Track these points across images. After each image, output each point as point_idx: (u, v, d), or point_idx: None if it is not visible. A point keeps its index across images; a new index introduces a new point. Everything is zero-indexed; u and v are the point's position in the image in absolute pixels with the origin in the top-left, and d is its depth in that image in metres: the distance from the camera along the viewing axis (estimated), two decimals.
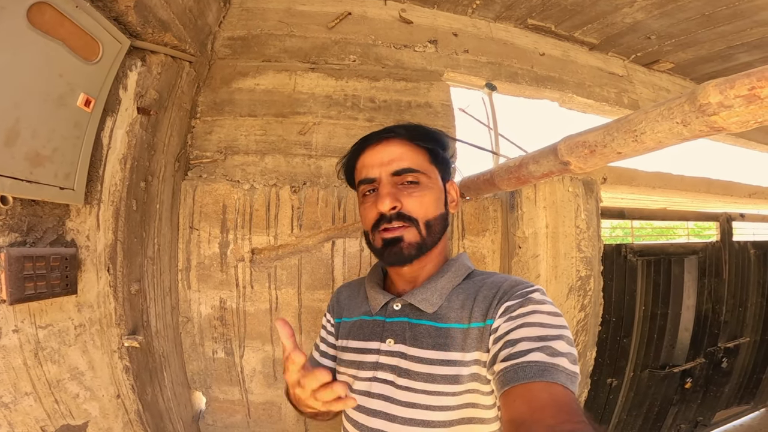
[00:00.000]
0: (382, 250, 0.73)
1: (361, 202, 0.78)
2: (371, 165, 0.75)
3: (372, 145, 0.77)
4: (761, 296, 2.43)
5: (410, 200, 0.72)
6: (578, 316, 1.53)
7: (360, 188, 0.78)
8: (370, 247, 0.77)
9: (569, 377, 0.52)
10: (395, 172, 0.73)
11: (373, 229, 0.74)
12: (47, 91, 0.84)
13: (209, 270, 1.38)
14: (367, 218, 0.75)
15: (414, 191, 0.73)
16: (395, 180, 0.73)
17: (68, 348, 0.94)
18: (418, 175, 0.74)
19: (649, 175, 1.83)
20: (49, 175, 0.83)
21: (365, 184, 0.76)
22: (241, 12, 1.63)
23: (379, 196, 0.71)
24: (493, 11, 1.77)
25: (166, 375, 1.24)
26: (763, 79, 0.55)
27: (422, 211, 0.72)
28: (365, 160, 0.77)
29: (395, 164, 0.73)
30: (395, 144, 0.75)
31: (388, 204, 0.70)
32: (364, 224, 0.77)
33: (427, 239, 0.73)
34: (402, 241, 0.71)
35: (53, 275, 0.84)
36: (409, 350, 0.69)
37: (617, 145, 0.79)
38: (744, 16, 1.57)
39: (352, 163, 0.81)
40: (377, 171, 0.74)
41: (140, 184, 1.13)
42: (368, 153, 0.77)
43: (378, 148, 0.76)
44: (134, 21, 1.04)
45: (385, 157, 0.74)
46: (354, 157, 0.80)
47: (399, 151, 0.75)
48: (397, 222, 0.71)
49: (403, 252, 0.71)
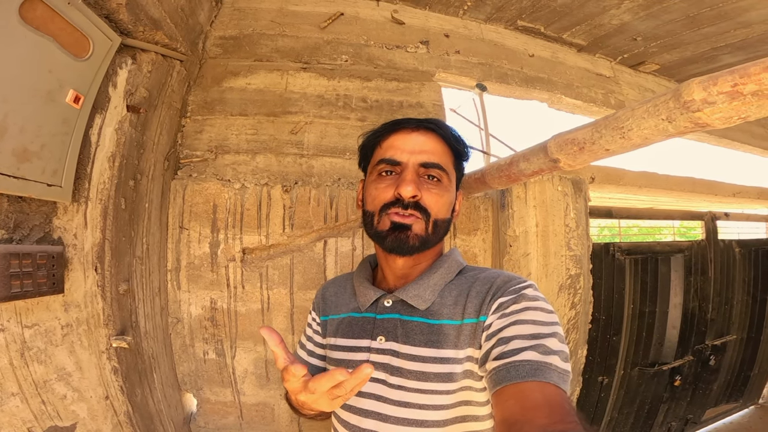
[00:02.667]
0: (386, 233, 0.71)
1: (373, 180, 0.75)
2: (401, 148, 0.73)
3: (407, 129, 0.75)
4: (746, 294, 2.48)
5: (429, 195, 0.71)
6: (569, 314, 1.55)
7: (378, 166, 0.75)
8: (370, 230, 0.75)
9: (561, 376, 0.52)
10: (424, 164, 0.72)
11: (382, 210, 0.72)
12: (36, 86, 0.82)
13: (199, 270, 1.36)
14: (378, 198, 0.73)
15: (433, 188, 0.72)
16: (420, 171, 0.73)
17: (55, 348, 0.92)
18: (443, 174, 0.74)
19: (636, 174, 1.86)
20: (36, 172, 0.82)
21: (388, 164, 0.74)
22: (233, 11, 1.62)
23: (403, 181, 0.70)
24: (484, 13, 1.79)
25: (156, 376, 1.23)
26: (746, 76, 0.56)
27: (436, 208, 0.72)
28: (395, 141, 0.75)
29: (426, 156, 0.73)
30: (431, 137, 0.75)
31: (411, 190, 0.69)
32: (371, 204, 0.74)
33: (432, 237, 0.72)
34: (410, 229, 0.70)
35: (40, 273, 0.83)
36: (401, 348, 0.68)
37: (605, 142, 0.80)
38: (728, 17, 1.61)
39: (378, 140, 0.78)
40: (406, 156, 0.72)
41: (129, 182, 1.11)
42: (401, 136, 0.75)
43: (413, 135, 0.74)
44: (125, 19, 1.03)
45: (417, 146, 0.73)
46: (382, 135, 0.77)
47: (433, 145, 0.74)
48: (413, 210, 0.70)
49: (408, 241, 0.70)
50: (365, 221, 0.76)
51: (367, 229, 0.76)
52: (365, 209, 0.77)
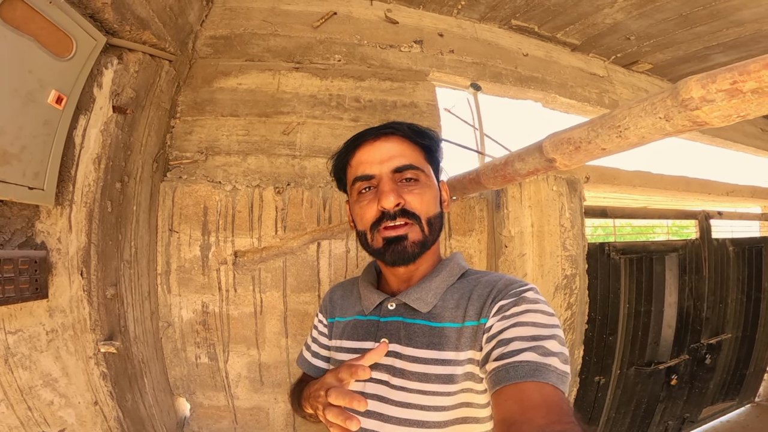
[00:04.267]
0: (383, 249, 0.70)
1: (355, 200, 0.75)
2: (369, 162, 0.72)
3: (369, 141, 0.74)
4: (741, 293, 2.49)
5: (412, 197, 0.70)
6: (565, 314, 1.54)
7: (355, 186, 0.74)
8: (367, 249, 0.74)
9: (560, 377, 0.52)
10: (396, 169, 0.71)
11: (372, 228, 0.71)
12: (15, 87, 0.80)
13: (190, 273, 1.34)
14: (365, 217, 0.72)
15: (414, 188, 0.71)
16: (395, 177, 0.71)
17: (40, 354, 0.89)
18: (418, 172, 0.72)
19: (630, 174, 1.87)
20: (16, 174, 0.79)
21: (362, 181, 0.73)
22: (224, 11, 1.60)
23: (382, 193, 0.69)
24: (478, 12, 1.78)
25: (147, 381, 1.20)
26: (745, 74, 0.55)
27: (424, 208, 0.71)
28: (362, 156, 0.74)
29: (396, 161, 0.71)
30: (394, 141, 0.73)
31: (392, 200, 0.68)
32: (361, 224, 0.74)
33: (429, 237, 0.72)
34: (406, 239, 0.69)
35: (22, 279, 0.80)
36: (403, 350, 0.69)
37: (601, 141, 0.79)
38: (720, 16, 1.62)
39: (345, 160, 0.77)
40: (377, 168, 0.71)
41: (116, 185, 1.09)
42: (366, 149, 0.74)
43: (376, 145, 0.73)
44: (111, 18, 1.01)
45: (384, 154, 0.72)
46: (347, 154, 0.77)
47: (398, 148, 0.73)
48: (401, 219, 0.69)
49: (407, 250, 0.69)
50: (361, 240, 0.76)
51: (364, 248, 0.76)
52: (357, 229, 0.77)
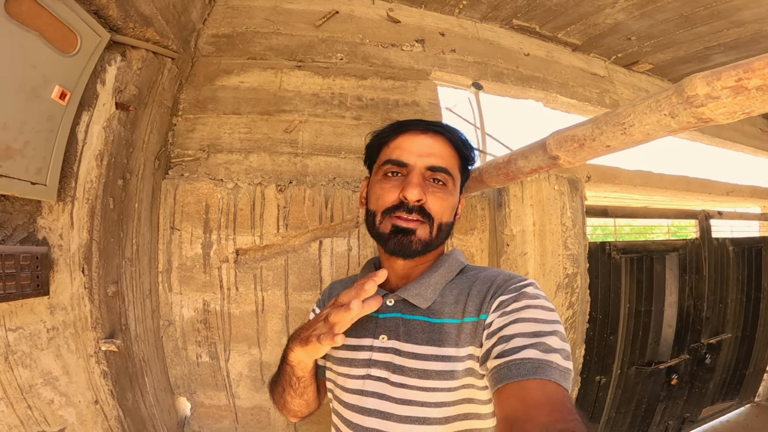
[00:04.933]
0: (389, 235, 0.71)
1: (378, 180, 0.75)
2: (408, 150, 0.73)
3: (416, 131, 0.75)
4: (741, 292, 2.49)
5: (434, 198, 0.71)
6: (566, 313, 1.54)
7: (385, 167, 0.75)
8: (371, 230, 0.75)
9: (562, 374, 0.52)
10: (431, 167, 0.72)
11: (385, 212, 0.72)
12: (20, 82, 0.80)
13: (191, 272, 1.33)
14: (383, 198, 0.73)
15: (438, 191, 0.72)
16: (426, 174, 0.73)
17: (40, 352, 0.89)
18: (448, 177, 0.74)
19: (631, 173, 1.87)
20: (19, 170, 0.79)
21: (394, 165, 0.73)
22: (227, 9, 1.60)
23: (409, 183, 0.70)
24: (479, 11, 1.78)
25: (148, 380, 1.19)
26: (750, 71, 0.55)
27: (440, 212, 0.72)
28: (403, 142, 0.75)
29: (434, 159, 0.73)
30: (440, 140, 0.75)
31: (416, 194, 0.69)
32: (375, 204, 0.75)
33: (435, 240, 0.72)
34: (414, 234, 0.70)
35: (23, 275, 0.80)
36: (403, 346, 0.68)
37: (606, 138, 0.79)
38: (721, 16, 1.62)
39: (385, 140, 0.78)
40: (414, 158, 0.72)
41: (118, 181, 1.08)
42: (409, 137, 0.75)
43: (422, 137, 0.74)
44: (115, 15, 1.01)
45: (424, 149, 0.73)
46: (390, 135, 0.77)
47: (440, 149, 0.74)
48: (416, 215, 0.70)
49: (411, 245, 0.70)
50: (367, 219, 0.77)
51: (368, 228, 0.77)
52: (368, 207, 0.77)
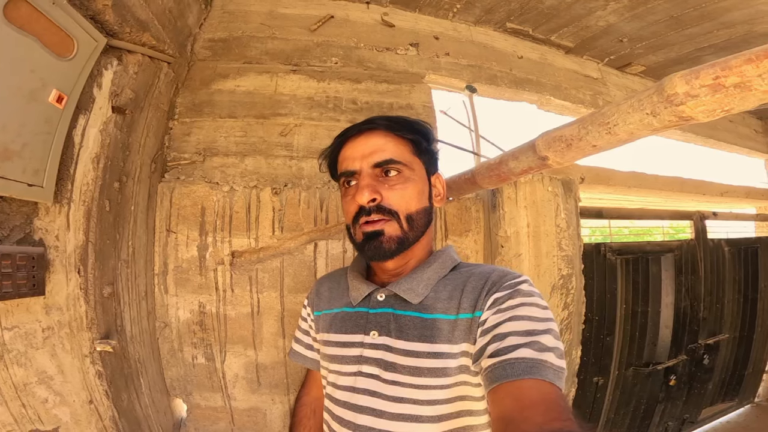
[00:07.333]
0: (362, 244, 0.71)
1: (342, 195, 0.77)
2: (352, 157, 0.73)
3: (353, 137, 0.75)
4: (737, 293, 2.49)
5: (391, 193, 0.70)
6: (562, 314, 1.54)
7: (340, 181, 0.77)
8: (352, 242, 0.76)
9: (556, 373, 0.52)
10: (376, 164, 0.71)
11: (353, 222, 0.72)
12: (18, 85, 0.81)
13: (187, 274, 1.34)
14: (348, 211, 0.74)
15: (395, 183, 0.71)
16: (376, 172, 0.72)
17: (35, 351, 0.90)
18: (400, 166, 0.72)
19: (625, 174, 1.88)
20: (17, 171, 0.80)
21: (346, 176, 0.74)
22: (223, 14, 1.62)
23: (357, 189, 0.70)
24: (473, 15, 1.80)
25: (143, 381, 1.20)
26: (727, 69, 0.57)
27: (403, 204, 0.71)
28: (346, 152, 0.75)
29: (376, 156, 0.72)
30: (376, 135, 0.74)
31: (366, 196, 0.68)
32: (346, 218, 0.76)
33: (409, 234, 0.71)
34: (382, 234, 0.69)
35: (19, 275, 0.81)
36: (394, 342, 0.67)
37: (592, 138, 0.80)
38: (711, 17, 1.64)
39: (335, 156, 0.80)
40: (358, 163, 0.72)
41: (114, 184, 1.10)
42: (349, 145, 0.75)
43: (359, 140, 0.74)
44: (111, 20, 1.03)
45: (366, 149, 0.73)
46: (336, 150, 0.79)
47: (380, 143, 0.73)
48: (377, 215, 0.69)
49: (383, 246, 0.69)
50: (348, 234, 0.77)
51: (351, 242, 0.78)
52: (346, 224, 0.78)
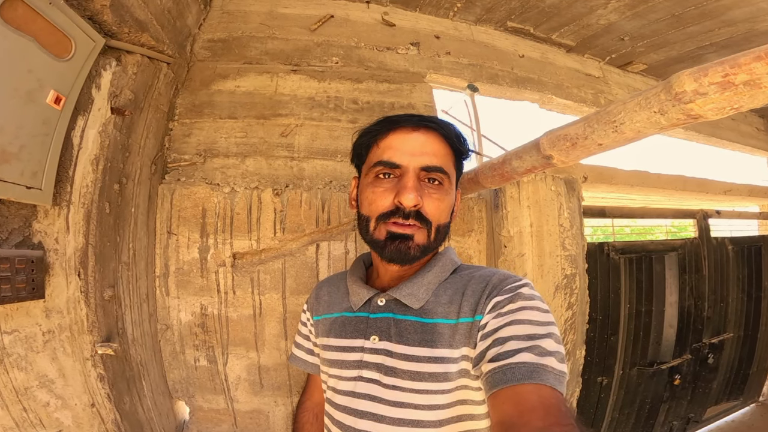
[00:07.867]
0: (384, 242, 0.67)
1: (370, 182, 0.70)
2: (400, 150, 0.68)
3: (407, 128, 0.70)
4: (741, 291, 2.48)
5: (430, 201, 0.67)
6: (566, 314, 1.53)
7: (375, 168, 0.70)
8: (365, 236, 0.71)
9: (557, 377, 0.51)
10: (426, 167, 0.67)
11: (380, 218, 0.68)
12: (15, 86, 0.80)
13: (189, 276, 1.33)
14: (376, 204, 0.68)
15: (435, 193, 0.68)
16: (422, 175, 0.68)
17: (36, 355, 0.89)
18: (444, 177, 0.69)
19: (628, 173, 1.87)
20: (15, 174, 0.79)
21: (386, 167, 0.68)
22: (222, 14, 1.61)
23: (404, 188, 0.65)
24: (474, 14, 1.79)
25: (146, 384, 1.19)
26: (736, 66, 0.56)
27: (437, 214, 0.68)
28: (394, 141, 0.69)
29: (428, 158, 0.68)
30: (432, 137, 0.69)
31: (413, 199, 0.64)
32: (367, 209, 0.70)
33: (433, 244, 0.69)
34: (411, 240, 0.67)
35: (18, 278, 0.80)
36: (394, 347, 0.67)
37: (598, 136, 0.79)
38: (712, 15, 1.63)
39: (374, 138, 0.72)
40: (406, 159, 0.67)
41: (114, 186, 1.09)
42: (400, 135, 0.70)
43: (414, 135, 0.69)
44: (110, 20, 1.02)
45: (418, 148, 0.68)
46: (378, 133, 0.71)
47: (434, 146, 0.69)
48: (414, 220, 0.66)
49: (410, 251, 0.67)
50: (360, 224, 0.72)
51: (361, 234, 0.72)
52: (360, 212, 0.73)
